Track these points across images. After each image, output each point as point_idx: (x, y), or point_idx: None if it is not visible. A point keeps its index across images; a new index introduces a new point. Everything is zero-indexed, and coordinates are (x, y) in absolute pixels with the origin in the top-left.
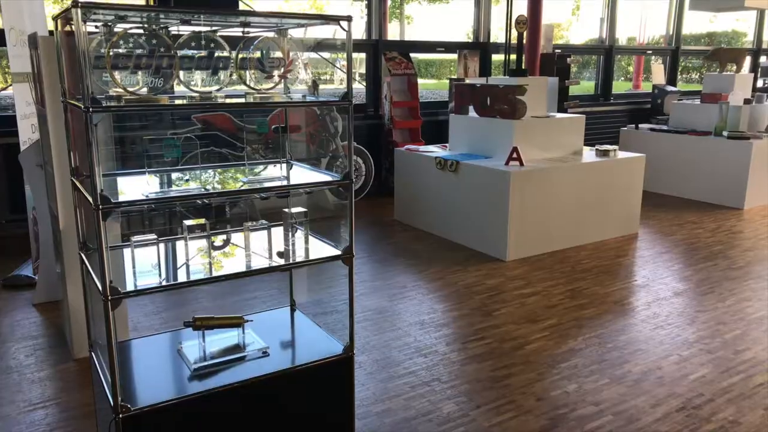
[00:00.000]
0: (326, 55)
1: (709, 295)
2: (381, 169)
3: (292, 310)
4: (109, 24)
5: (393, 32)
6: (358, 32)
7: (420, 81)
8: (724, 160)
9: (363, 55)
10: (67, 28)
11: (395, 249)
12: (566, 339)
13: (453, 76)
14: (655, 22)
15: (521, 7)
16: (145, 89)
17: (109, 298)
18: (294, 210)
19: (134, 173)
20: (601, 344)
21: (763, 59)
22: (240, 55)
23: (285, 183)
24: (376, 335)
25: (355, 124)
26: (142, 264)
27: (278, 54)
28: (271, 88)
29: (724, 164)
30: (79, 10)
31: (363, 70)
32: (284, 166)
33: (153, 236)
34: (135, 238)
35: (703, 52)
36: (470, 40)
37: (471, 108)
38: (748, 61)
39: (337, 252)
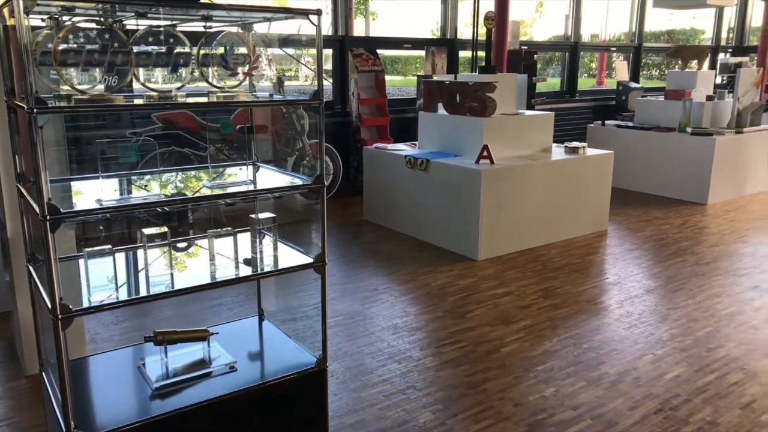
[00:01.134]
0: (291, 51)
1: (679, 292)
2: (349, 167)
3: (261, 320)
4: (56, 16)
5: (358, 28)
6: (324, 28)
7: (386, 78)
8: (688, 156)
9: (329, 51)
10: (11, 20)
11: (365, 250)
12: (541, 340)
13: (420, 73)
14: (617, 19)
15: (487, 4)
16: (100, 87)
17: (59, 317)
18: (262, 216)
19: (88, 178)
20: (577, 345)
21: (721, 56)
22: (202, 51)
23: (251, 187)
24: (348, 341)
25: None
26: (96, 277)
27: (243, 50)
28: (235, 86)
29: (689, 160)
30: (20, 1)
31: (329, 66)
32: (250, 168)
33: (108, 246)
34: (88, 249)
35: (664, 49)
36: (436, 37)
37: (440, 105)
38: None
39: (309, 260)
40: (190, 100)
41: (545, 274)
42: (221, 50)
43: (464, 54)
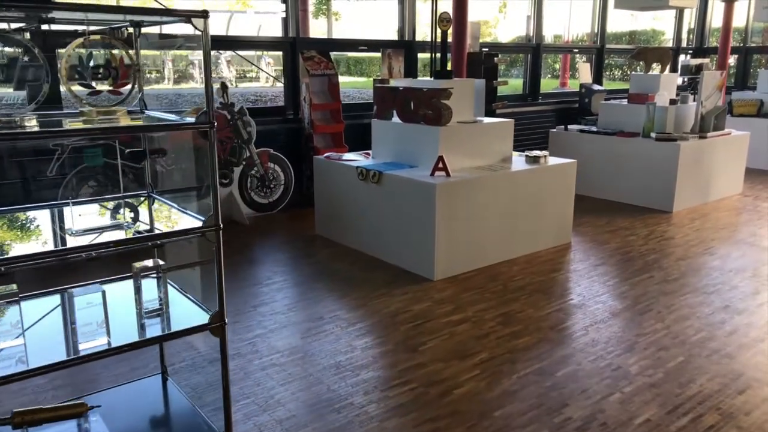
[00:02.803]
0: (251, 52)
1: (647, 315)
2: (302, 177)
3: (164, 379)
4: None
5: (321, 29)
6: (276, 29)
7: (349, 79)
8: (653, 162)
9: (279, 54)
10: None
11: (315, 270)
12: (499, 378)
13: (378, 76)
14: (579, 19)
15: (448, 5)
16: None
17: None
18: (147, 263)
19: None
20: (538, 383)
21: (682, 57)
22: (65, 62)
23: (128, 232)
24: (283, 385)
25: (272, 128)
26: None
27: (110, 60)
28: (119, 103)
29: (653, 166)
30: None
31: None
32: (138, 203)
33: None
34: None
35: (626, 50)
36: (396, 38)
37: (395, 113)
38: None
39: (204, 318)
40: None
41: (505, 296)
42: (76, 61)
43: (425, 56)
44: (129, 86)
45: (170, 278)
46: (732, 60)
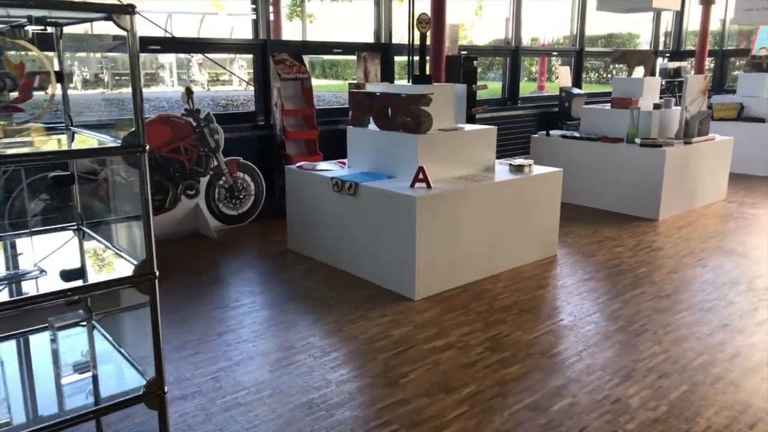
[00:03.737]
0: (222, 55)
1: (643, 336)
2: (274, 186)
3: None
4: None
5: (295, 32)
6: (246, 31)
7: (324, 82)
8: (638, 168)
9: (249, 57)
10: None
11: (286, 289)
12: (490, 415)
13: (354, 80)
14: (557, 22)
15: (424, 6)
16: None
17: None
18: (67, 315)
19: None
20: (532, 420)
21: (659, 61)
22: None
23: (39, 284)
24: (248, 430)
25: (243, 135)
26: None
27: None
28: (26, 122)
29: (638, 173)
30: None
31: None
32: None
33: None
34: None
35: (607, 54)
36: (372, 41)
37: (371, 119)
38: None
39: (140, 386)
40: None
41: (491, 317)
42: None
43: (402, 59)
44: (46, 97)
45: (106, 323)
46: (707, 63)
